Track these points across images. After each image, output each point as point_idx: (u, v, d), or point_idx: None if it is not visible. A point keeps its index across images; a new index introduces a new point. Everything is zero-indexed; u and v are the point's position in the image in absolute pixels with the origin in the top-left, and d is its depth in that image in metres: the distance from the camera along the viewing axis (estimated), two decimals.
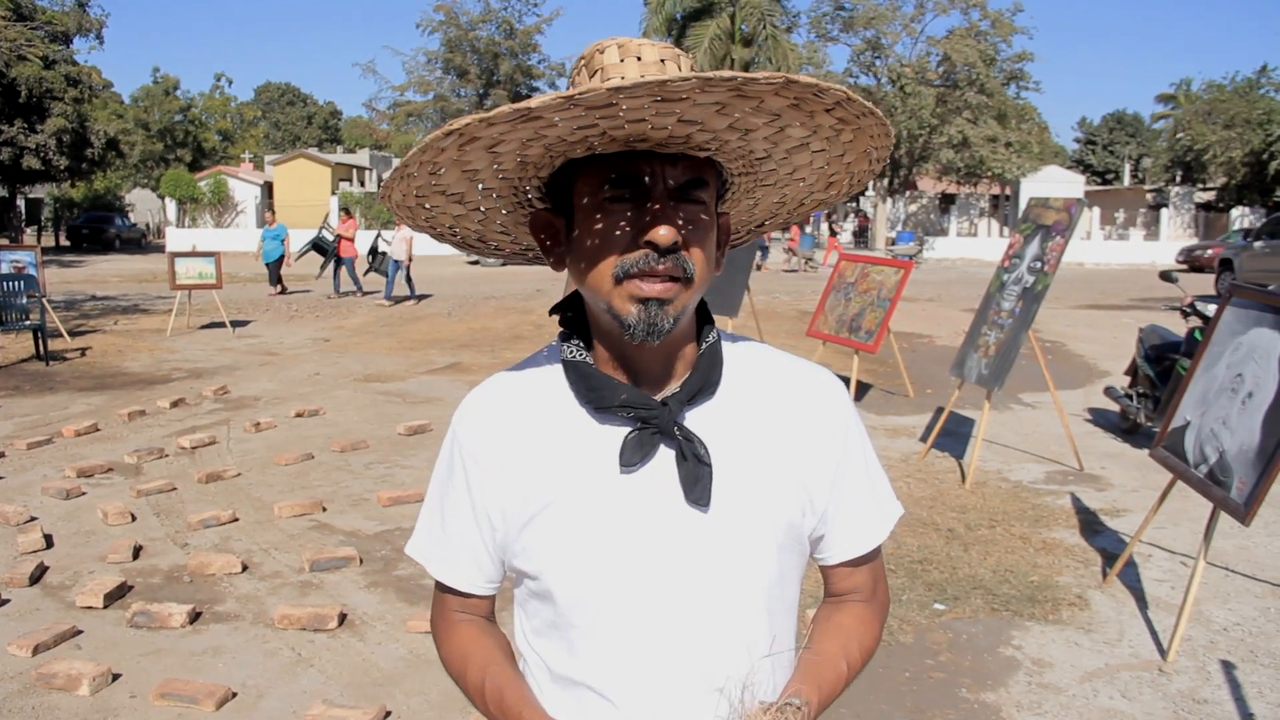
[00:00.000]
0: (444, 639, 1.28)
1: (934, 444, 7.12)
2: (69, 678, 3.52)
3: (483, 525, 1.18)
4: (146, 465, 6.59)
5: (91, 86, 31.88)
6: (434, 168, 1.08)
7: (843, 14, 36.56)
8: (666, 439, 1.11)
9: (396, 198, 1.15)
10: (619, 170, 1.06)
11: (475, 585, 1.23)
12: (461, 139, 1.00)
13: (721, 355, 1.18)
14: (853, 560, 1.26)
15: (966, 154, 35.99)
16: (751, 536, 1.13)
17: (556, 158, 1.10)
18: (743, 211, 1.30)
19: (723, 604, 1.12)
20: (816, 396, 1.22)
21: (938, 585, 4.60)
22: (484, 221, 1.26)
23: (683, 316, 1.09)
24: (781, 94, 0.97)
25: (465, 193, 1.16)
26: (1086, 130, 63.88)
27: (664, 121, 0.99)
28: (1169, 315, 13.36)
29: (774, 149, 1.12)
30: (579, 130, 1.01)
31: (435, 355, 11.66)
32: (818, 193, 1.27)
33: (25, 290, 11.05)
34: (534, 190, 1.18)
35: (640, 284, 1.05)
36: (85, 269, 26.49)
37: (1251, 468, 3.80)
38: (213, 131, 56.33)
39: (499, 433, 1.18)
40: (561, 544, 1.12)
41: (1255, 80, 40.74)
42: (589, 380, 1.14)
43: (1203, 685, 3.69)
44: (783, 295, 18.55)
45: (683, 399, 1.13)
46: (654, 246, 1.04)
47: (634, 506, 1.11)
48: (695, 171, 1.08)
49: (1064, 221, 6.45)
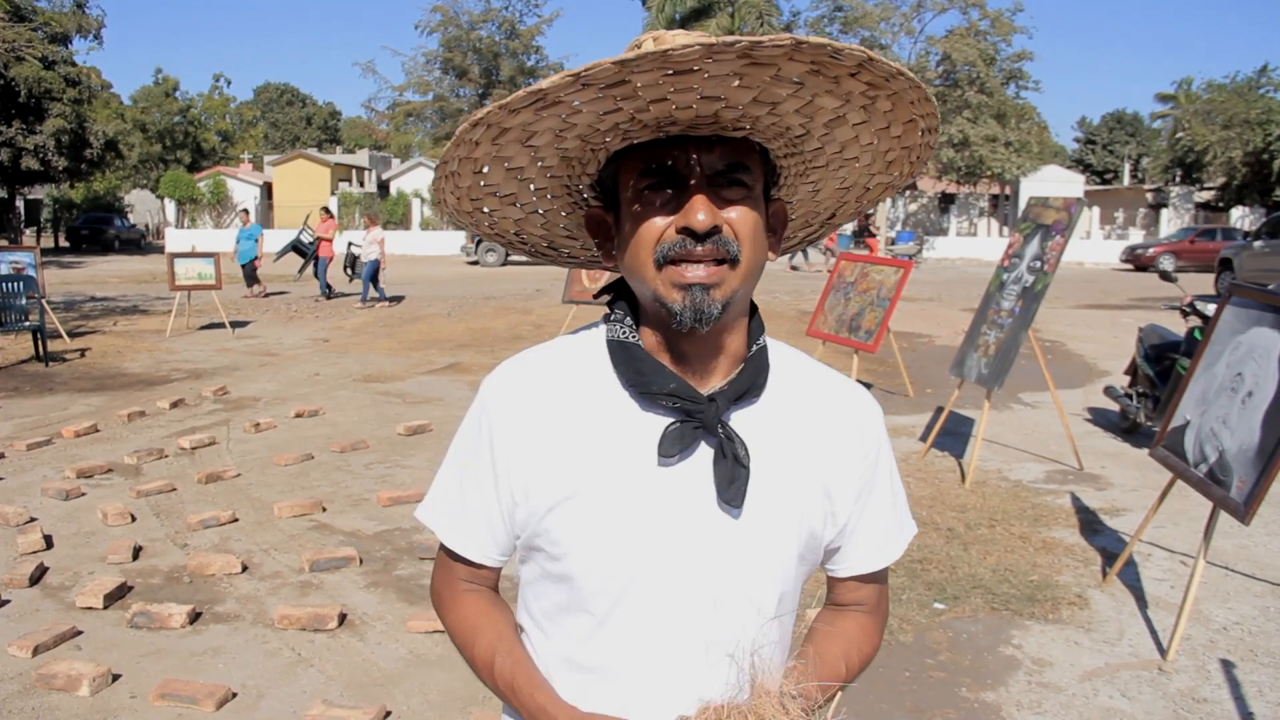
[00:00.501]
0: (450, 607, 1.26)
1: (934, 443, 7.12)
2: (69, 678, 3.51)
3: (504, 499, 1.16)
4: (146, 466, 6.59)
5: (91, 87, 31.86)
6: (476, 165, 1.08)
7: (840, 14, 36.58)
8: (708, 435, 1.10)
9: (452, 202, 1.15)
10: (655, 158, 1.06)
11: (488, 556, 1.21)
12: (490, 130, 1.01)
13: (768, 360, 1.18)
14: (865, 575, 1.27)
15: (966, 153, 36.00)
16: (777, 544, 1.14)
17: (598, 150, 1.10)
18: (805, 200, 1.28)
19: (740, 605, 1.12)
20: (854, 414, 1.22)
21: (937, 584, 4.60)
22: (547, 225, 1.25)
23: (732, 304, 1.08)
24: (796, 58, 0.95)
25: (518, 193, 1.16)
26: (1086, 130, 63.84)
27: (686, 100, 0.98)
28: (1169, 315, 13.36)
29: (810, 123, 1.09)
30: (607, 116, 1.01)
31: (435, 356, 11.66)
32: (880, 175, 1.23)
33: (24, 291, 11.04)
34: (587, 189, 1.18)
35: (684, 271, 1.04)
36: (84, 270, 26.47)
37: (1251, 467, 3.80)
38: (212, 132, 56.32)
39: (532, 408, 1.15)
40: (589, 532, 1.11)
41: (1255, 80, 40.75)
42: (639, 364, 1.12)
43: (1202, 684, 3.69)
44: (783, 295, 18.55)
45: (731, 397, 1.11)
46: (691, 232, 1.03)
47: (666, 500, 1.10)
48: (734, 155, 1.07)
49: (1064, 221, 6.45)
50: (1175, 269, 11.17)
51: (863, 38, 36.55)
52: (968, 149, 35.71)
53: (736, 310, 1.11)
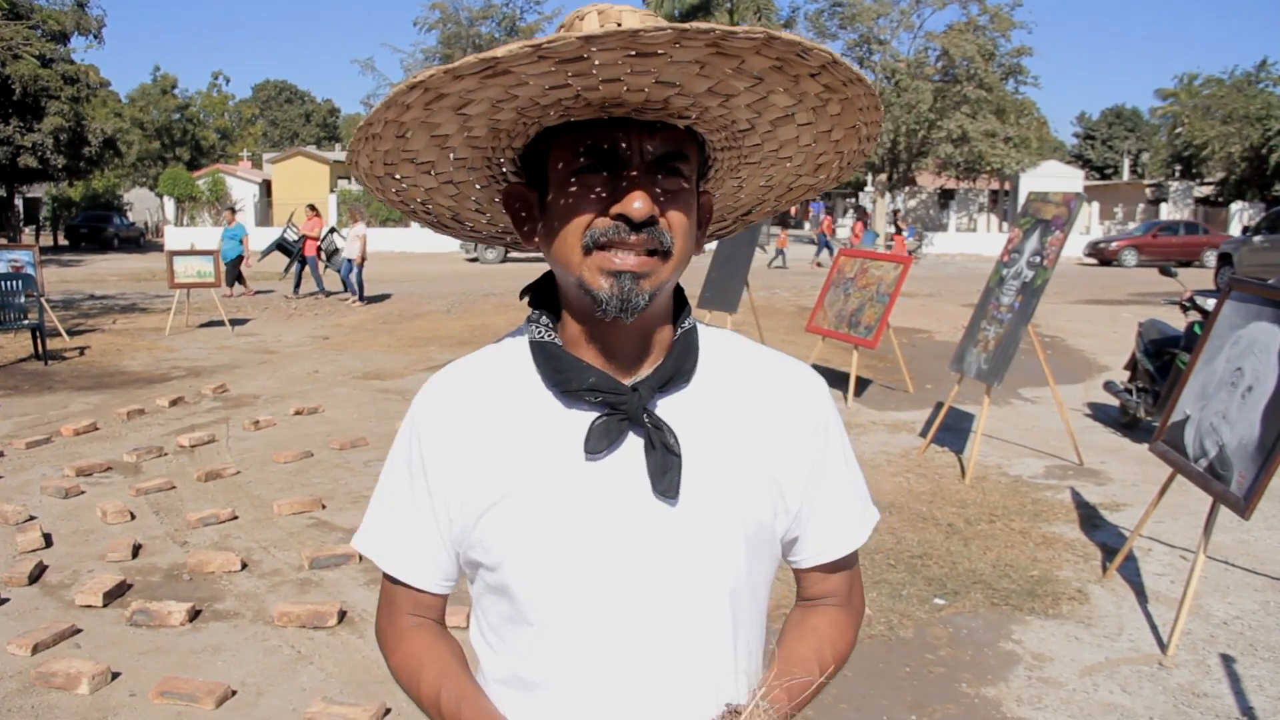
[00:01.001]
0: (393, 647, 1.20)
1: (934, 439, 7.11)
2: (68, 676, 3.51)
3: (440, 517, 1.12)
4: (145, 464, 6.59)
5: (89, 85, 31.82)
6: (401, 129, 1.01)
7: (839, 9, 36.53)
8: (635, 427, 1.06)
9: (364, 164, 1.09)
10: (594, 138, 1.01)
11: (430, 581, 1.17)
12: (427, 94, 0.94)
13: (698, 343, 1.14)
14: (828, 565, 1.21)
15: (965, 149, 35.97)
16: (720, 532, 1.08)
17: (530, 125, 1.04)
18: (728, 195, 1.25)
19: (687, 601, 1.07)
20: (795, 392, 1.16)
21: (938, 580, 4.60)
22: (457, 197, 1.19)
23: (659, 294, 1.04)
24: (763, 53, 0.92)
25: (436, 161, 1.10)
26: (1085, 125, 63.86)
27: (641, 82, 0.94)
28: (1168, 309, 13.36)
29: (758, 119, 1.06)
30: (551, 91, 0.96)
31: (434, 352, 11.64)
32: (805, 176, 1.21)
33: (23, 289, 11.03)
34: (508, 163, 1.13)
35: (613, 257, 1.00)
36: (83, 268, 26.46)
37: (1251, 461, 3.80)
38: (211, 130, 56.27)
39: (459, 418, 1.12)
40: (520, 535, 1.07)
41: (1254, 75, 40.72)
42: (556, 362, 1.09)
43: (1203, 679, 3.69)
44: (782, 291, 18.54)
45: (654, 385, 1.07)
46: (627, 220, 0.99)
47: (598, 496, 1.06)
48: (675, 144, 1.03)
49: (1063, 216, 6.45)
50: (1137, 264, 11.18)
51: (861, 33, 36.54)
52: (967, 144, 35.68)
53: (663, 299, 1.08)
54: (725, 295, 10.11)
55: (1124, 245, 30.61)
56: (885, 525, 5.36)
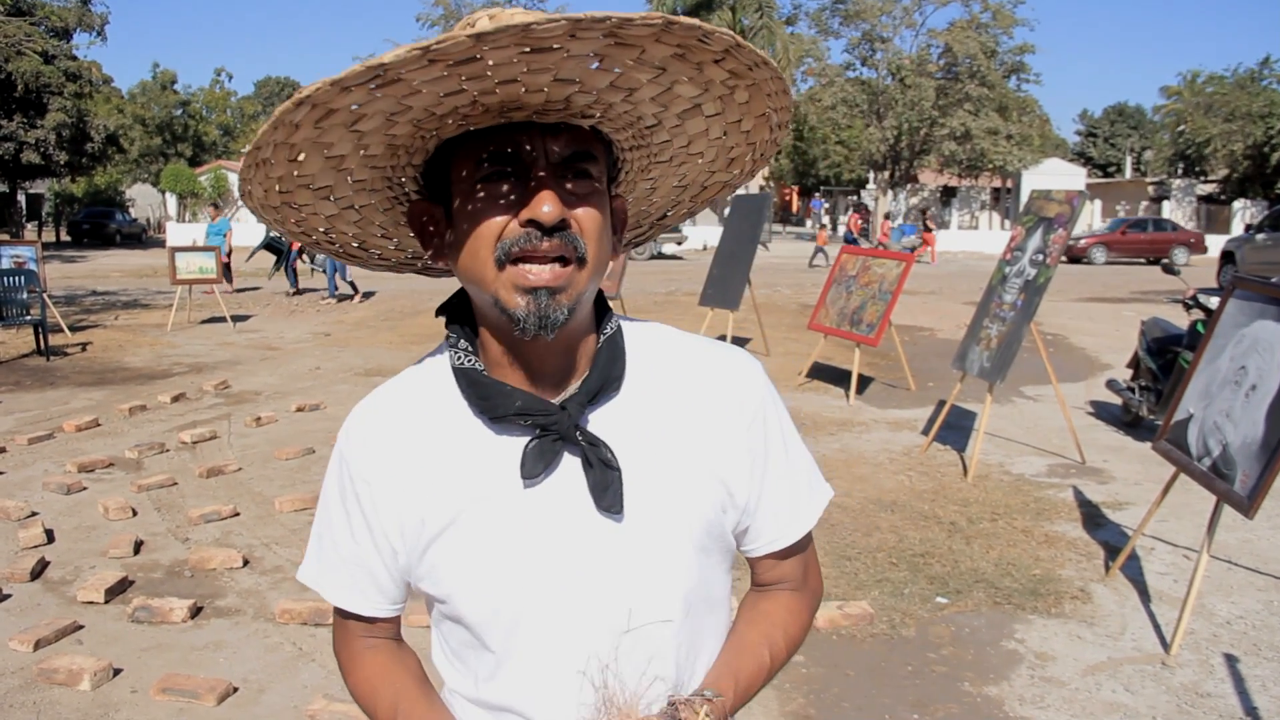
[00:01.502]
0: (350, 669, 1.19)
1: (936, 437, 7.11)
2: (70, 673, 3.51)
3: (382, 548, 1.10)
4: (147, 460, 6.59)
5: (92, 81, 31.84)
6: (293, 151, 0.95)
7: (842, 6, 36.50)
8: (569, 445, 1.03)
9: (259, 195, 1.01)
10: (496, 144, 0.97)
11: (378, 608, 1.15)
12: (315, 110, 0.89)
13: (623, 347, 1.10)
14: (780, 551, 1.18)
15: (968, 146, 35.96)
16: (669, 541, 1.06)
17: (429, 138, 1.00)
18: (641, 198, 1.21)
19: (642, 614, 1.05)
20: (727, 380, 1.12)
21: (940, 579, 4.60)
22: (361, 223, 1.13)
23: (579, 307, 1.01)
24: (664, 40, 0.88)
25: (334, 185, 1.04)
26: (1088, 123, 63.81)
27: (539, 81, 0.90)
28: (1171, 308, 13.35)
29: (664, 113, 1.03)
30: (447, 99, 0.91)
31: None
32: (719, 172, 1.17)
33: (26, 285, 11.06)
34: (410, 181, 1.08)
35: (527, 273, 0.96)
36: (86, 264, 26.48)
37: (1255, 460, 3.79)
38: (213, 126, 56.25)
39: (389, 449, 1.09)
40: (466, 565, 1.05)
41: (1257, 72, 40.67)
42: (480, 388, 1.05)
43: (1206, 679, 3.68)
44: (784, 288, 18.54)
45: (582, 400, 1.04)
46: (537, 225, 0.95)
47: (541, 520, 1.03)
48: (581, 143, 0.99)
49: (1066, 214, 6.44)
50: (1106, 261, 11.19)
51: (864, 30, 36.50)
52: (969, 142, 35.67)
53: (583, 310, 1.05)
54: (727, 293, 10.10)
55: (1093, 242, 30.55)
56: (887, 523, 5.35)
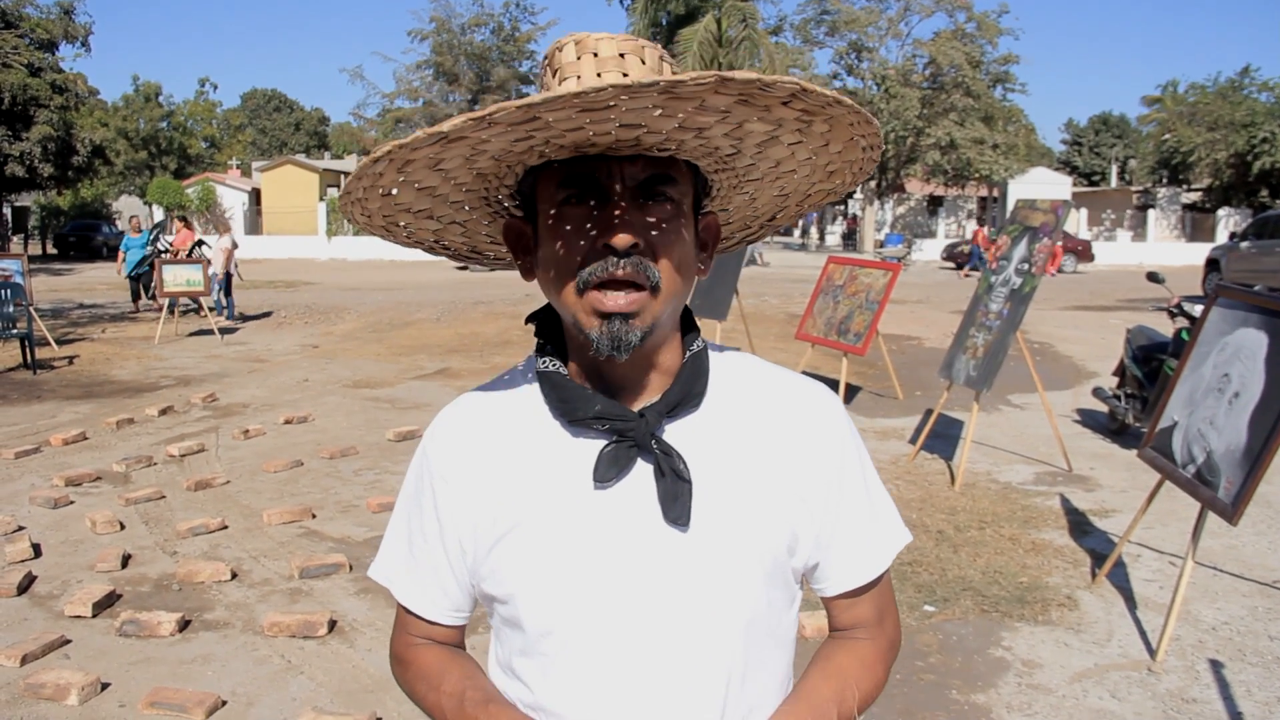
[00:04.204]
0: (408, 662, 1.20)
1: (923, 446, 7.13)
2: (57, 687, 3.49)
3: (451, 549, 1.12)
4: (135, 473, 6.56)
5: (78, 94, 31.75)
6: (383, 189, 1.02)
7: (827, 17, 36.65)
8: (644, 453, 1.04)
9: (361, 220, 1.09)
10: (575, 170, 1.00)
11: (442, 613, 1.17)
12: (394, 163, 0.95)
13: (707, 366, 1.11)
14: (853, 591, 1.16)
15: (954, 156, 36.14)
16: (735, 560, 1.05)
17: (514, 165, 1.04)
18: (743, 207, 1.22)
19: (700, 632, 1.04)
20: (810, 412, 1.13)
21: (927, 587, 4.61)
22: (467, 235, 1.20)
23: (654, 330, 1.02)
24: (721, 91, 0.89)
25: (432, 208, 1.11)
26: (1073, 132, 64.16)
27: (604, 129, 0.93)
28: (1156, 316, 13.44)
29: (741, 144, 1.04)
30: (519, 143, 0.95)
31: (424, 361, 11.63)
32: (820, 182, 1.18)
33: (12, 298, 11.02)
34: (506, 198, 1.13)
35: (604, 298, 0.99)
36: (73, 277, 26.36)
37: (1239, 467, 3.82)
38: (198, 138, 56.11)
39: (469, 450, 1.12)
40: (530, 566, 1.06)
41: (1238, 82, 41.02)
42: (562, 391, 1.07)
43: (1192, 684, 3.70)
44: (771, 298, 18.58)
45: (661, 410, 1.05)
46: (612, 250, 0.98)
47: (608, 526, 1.04)
48: (660, 167, 1.01)
49: (1051, 223, 6.48)
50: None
51: (850, 40, 36.66)
52: (955, 151, 35.85)
53: (662, 332, 1.06)
54: (715, 303, 10.14)
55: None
56: None
